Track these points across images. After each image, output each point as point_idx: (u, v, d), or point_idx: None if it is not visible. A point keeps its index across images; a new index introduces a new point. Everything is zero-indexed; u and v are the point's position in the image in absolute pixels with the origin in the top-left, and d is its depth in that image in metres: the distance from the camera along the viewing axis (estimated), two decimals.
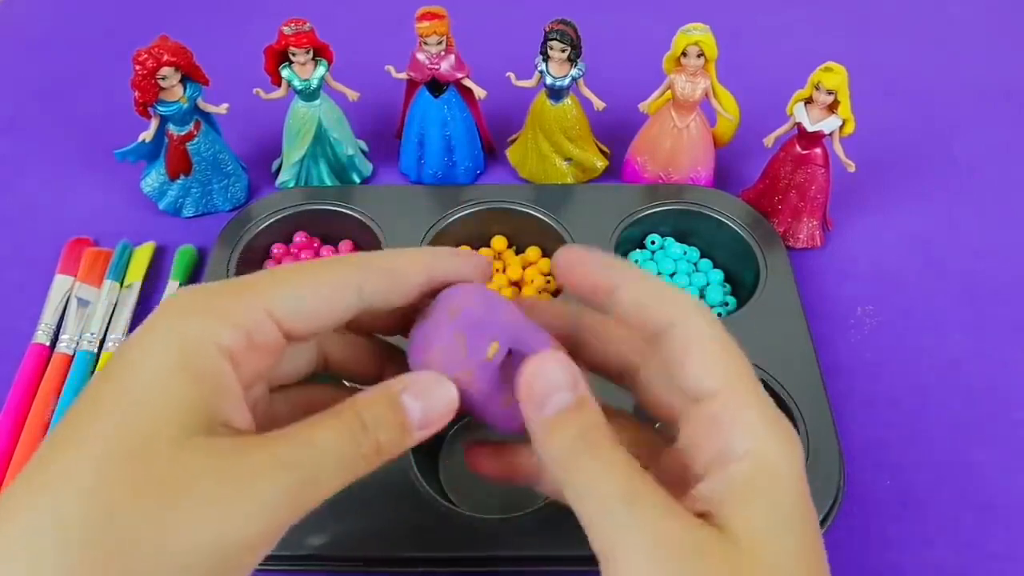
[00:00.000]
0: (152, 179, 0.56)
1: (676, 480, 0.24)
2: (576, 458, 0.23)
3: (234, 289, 0.24)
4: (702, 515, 0.23)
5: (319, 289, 0.24)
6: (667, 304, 0.24)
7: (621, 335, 0.27)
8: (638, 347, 0.27)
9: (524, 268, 0.53)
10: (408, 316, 0.28)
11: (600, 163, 0.59)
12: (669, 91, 0.54)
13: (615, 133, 0.61)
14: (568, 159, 0.58)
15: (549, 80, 0.54)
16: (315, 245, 0.55)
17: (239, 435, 0.22)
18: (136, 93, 0.50)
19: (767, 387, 0.43)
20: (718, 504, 0.22)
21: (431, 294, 0.27)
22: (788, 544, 0.22)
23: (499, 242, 0.55)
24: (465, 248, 0.54)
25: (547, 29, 0.52)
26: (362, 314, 0.25)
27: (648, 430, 0.27)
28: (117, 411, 0.21)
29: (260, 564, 0.25)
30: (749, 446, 0.22)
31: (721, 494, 0.22)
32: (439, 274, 0.27)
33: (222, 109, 0.54)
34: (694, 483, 0.23)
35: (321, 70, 0.54)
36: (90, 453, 0.20)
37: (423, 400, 0.24)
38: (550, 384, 0.23)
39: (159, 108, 0.52)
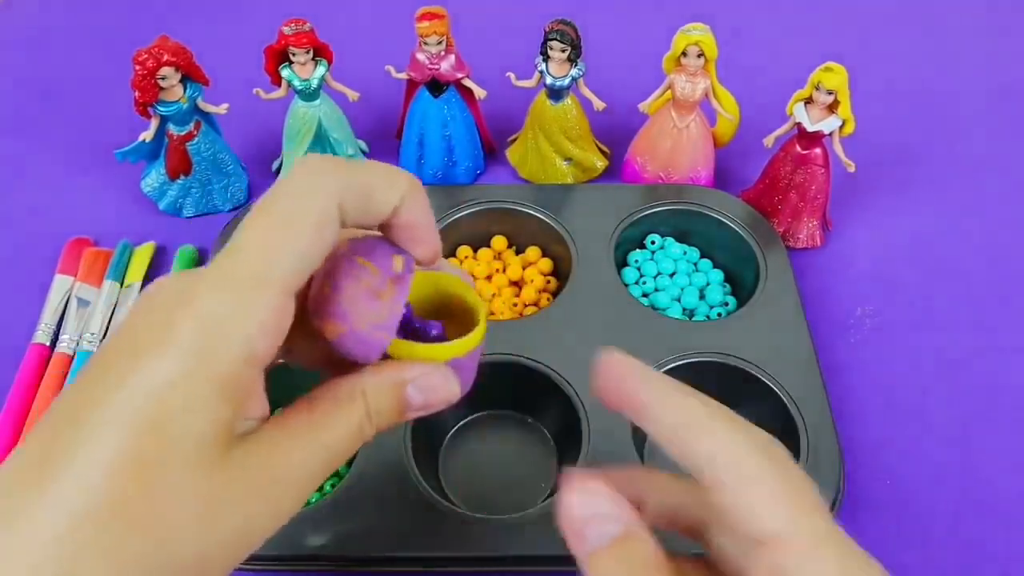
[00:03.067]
0: (152, 179, 0.56)
1: None
2: None
3: (246, 275, 0.23)
4: None
5: (311, 239, 0.23)
6: (704, 433, 0.21)
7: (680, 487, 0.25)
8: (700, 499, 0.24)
9: (524, 268, 0.53)
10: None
11: (600, 163, 0.59)
12: (669, 91, 0.54)
13: (615, 133, 0.61)
14: (568, 159, 0.58)
15: (549, 80, 0.54)
16: None
17: (253, 436, 0.22)
18: (136, 93, 0.50)
19: (767, 387, 0.44)
20: None
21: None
22: None
23: (499, 242, 0.55)
24: (465, 249, 0.54)
25: (547, 29, 0.52)
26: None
27: None
28: (128, 425, 0.20)
29: (261, 565, 0.25)
30: None
31: None
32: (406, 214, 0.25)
33: (222, 109, 0.54)
34: None
35: (321, 70, 0.54)
36: (96, 472, 0.19)
37: (427, 394, 0.25)
38: (591, 513, 0.22)
39: (159, 108, 0.52)
